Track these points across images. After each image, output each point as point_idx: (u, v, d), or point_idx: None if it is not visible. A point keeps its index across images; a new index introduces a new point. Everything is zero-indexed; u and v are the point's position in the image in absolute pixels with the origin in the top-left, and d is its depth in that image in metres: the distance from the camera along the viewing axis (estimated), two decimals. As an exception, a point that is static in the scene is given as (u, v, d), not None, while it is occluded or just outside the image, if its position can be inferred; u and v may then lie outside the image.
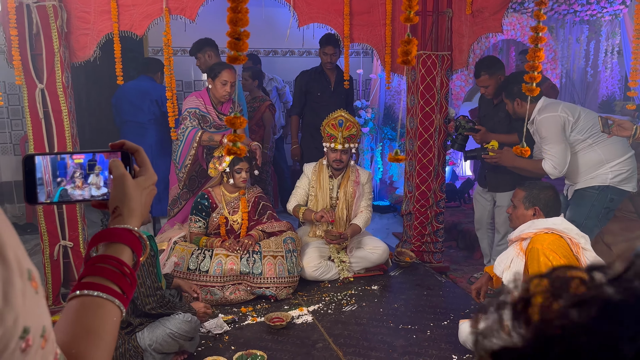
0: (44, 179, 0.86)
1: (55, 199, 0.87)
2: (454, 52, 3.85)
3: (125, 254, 0.78)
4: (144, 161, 0.89)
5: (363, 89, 6.37)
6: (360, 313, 3.15)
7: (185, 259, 3.28)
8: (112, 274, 0.75)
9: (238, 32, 1.17)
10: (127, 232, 0.80)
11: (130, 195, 0.83)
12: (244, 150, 1.20)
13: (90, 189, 0.88)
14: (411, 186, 4.07)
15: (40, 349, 0.52)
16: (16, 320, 0.48)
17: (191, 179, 3.88)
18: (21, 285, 0.49)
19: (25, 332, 0.49)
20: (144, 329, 2.54)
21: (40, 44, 3.09)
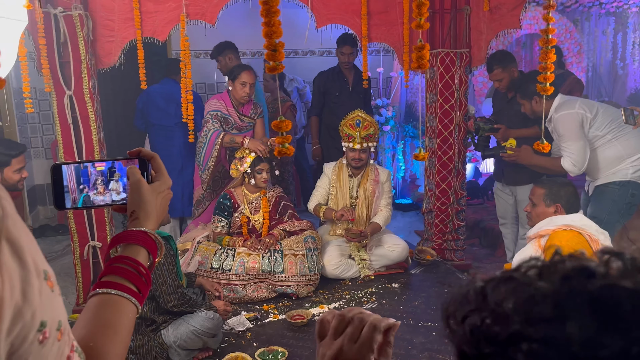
0: (69, 186, 0.94)
1: (79, 204, 0.95)
2: (472, 49, 3.84)
3: (141, 255, 0.83)
4: (160, 167, 0.94)
5: (384, 87, 6.38)
6: (380, 310, 3.18)
7: (208, 258, 3.37)
8: (129, 273, 0.80)
9: (274, 44, 1.24)
10: (143, 234, 0.85)
11: (146, 200, 0.88)
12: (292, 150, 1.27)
13: (111, 195, 0.96)
14: (431, 184, 4.07)
15: (57, 341, 0.58)
16: (34, 315, 0.53)
17: (214, 180, 3.96)
18: (38, 285, 0.54)
19: (42, 326, 0.54)
20: (168, 327, 2.63)
21: (67, 52, 3.21)
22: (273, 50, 1.30)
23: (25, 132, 5.54)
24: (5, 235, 0.51)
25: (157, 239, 0.88)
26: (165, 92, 4.36)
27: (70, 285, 3.85)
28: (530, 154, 3.19)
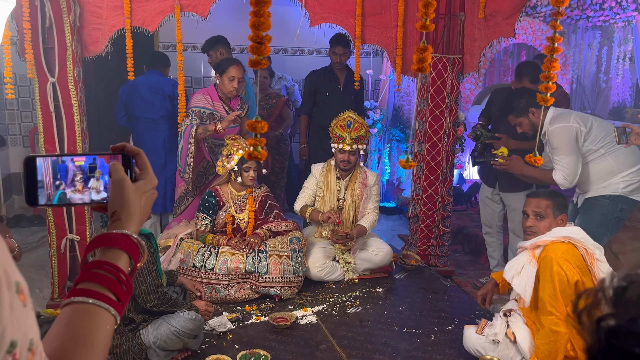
0: (44, 181, 0.85)
1: (54, 201, 0.87)
2: (465, 56, 3.83)
3: (122, 260, 0.77)
4: (145, 164, 0.87)
5: (372, 90, 6.36)
6: (364, 315, 3.14)
7: (191, 256, 3.29)
8: (108, 280, 0.73)
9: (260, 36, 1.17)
10: (124, 238, 0.79)
11: (129, 200, 0.82)
12: (264, 155, 1.19)
13: (90, 193, 0.88)
14: (418, 189, 4.05)
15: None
16: (3, 333, 0.47)
17: (198, 175, 3.88)
18: (9, 298, 0.48)
19: (12, 347, 0.48)
20: (147, 327, 2.55)
21: (52, 37, 3.10)
22: (259, 42, 1.23)
23: (2, 118, 5.37)
24: None
25: (140, 243, 0.82)
26: (150, 83, 4.26)
27: (44, 279, 3.72)
28: (521, 164, 3.18)
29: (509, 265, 2.46)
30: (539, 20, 6.46)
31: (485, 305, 2.74)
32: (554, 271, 2.24)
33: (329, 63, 4.59)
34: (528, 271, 2.37)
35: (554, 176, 2.98)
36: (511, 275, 2.41)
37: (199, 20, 3.51)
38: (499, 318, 2.59)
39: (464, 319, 3.08)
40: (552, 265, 2.24)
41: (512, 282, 2.40)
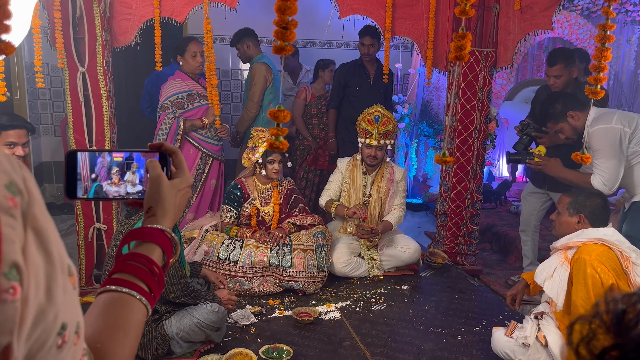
0: (81, 174, 0.88)
1: (91, 194, 0.89)
2: (498, 49, 3.72)
3: (156, 254, 0.79)
4: (181, 163, 0.90)
5: (401, 84, 6.25)
6: (389, 313, 3.09)
7: (215, 248, 3.28)
8: (142, 272, 0.76)
9: (286, 21, 1.12)
10: (159, 232, 0.81)
11: (165, 196, 0.84)
12: (286, 145, 1.15)
13: (126, 186, 0.90)
14: (447, 186, 3.96)
15: (73, 346, 0.52)
16: (56, 316, 0.47)
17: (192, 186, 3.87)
18: (62, 282, 0.49)
19: (63, 329, 0.49)
20: (171, 317, 2.54)
21: (83, 27, 3.12)
22: (284, 27, 1.18)
23: (35, 108, 5.46)
24: (31, 224, 0.44)
25: (174, 239, 0.83)
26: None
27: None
28: (559, 166, 3.03)
29: (541, 268, 2.37)
30: (575, 14, 6.24)
31: (515, 307, 2.65)
32: (588, 274, 2.14)
33: (358, 56, 4.51)
34: (560, 274, 2.27)
35: (592, 181, 2.82)
36: (543, 278, 2.32)
37: (228, 11, 3.48)
38: (529, 321, 2.50)
39: (492, 320, 2.99)
40: (585, 268, 2.15)
41: (544, 285, 2.30)
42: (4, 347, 0.41)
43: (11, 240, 0.42)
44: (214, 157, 3.97)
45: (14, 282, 0.41)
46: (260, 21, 5.02)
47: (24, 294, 0.42)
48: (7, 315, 0.41)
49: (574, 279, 2.20)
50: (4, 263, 0.41)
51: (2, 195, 0.42)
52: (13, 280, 0.41)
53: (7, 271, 0.41)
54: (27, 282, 0.43)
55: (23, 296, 0.42)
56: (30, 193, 0.45)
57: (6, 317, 0.40)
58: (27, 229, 0.44)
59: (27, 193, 0.45)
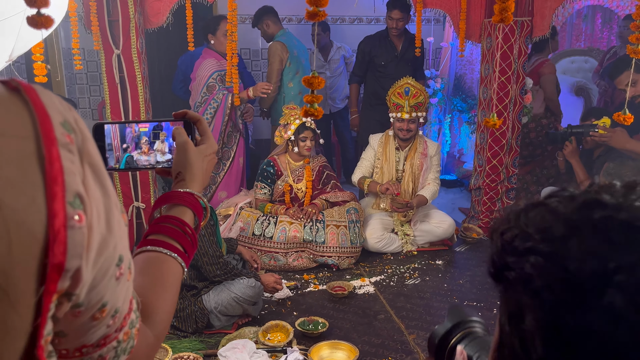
0: (112, 144, 0.91)
1: (122, 165, 0.92)
2: (535, 18, 3.60)
3: (187, 216, 0.82)
4: (205, 130, 0.92)
5: (433, 58, 6.14)
6: (423, 287, 3.09)
7: (250, 225, 3.34)
8: (175, 232, 0.78)
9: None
10: (189, 196, 0.83)
11: (192, 162, 0.86)
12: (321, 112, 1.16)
13: (156, 155, 0.93)
14: (482, 160, 3.90)
15: (127, 281, 0.55)
16: (115, 247, 0.50)
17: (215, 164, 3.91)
18: (117, 215, 0.51)
19: (120, 261, 0.52)
20: (209, 292, 2.62)
21: (116, 10, 3.17)
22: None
23: (73, 92, 5.61)
24: (87, 160, 0.47)
25: (204, 201, 0.86)
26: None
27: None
28: (625, 137, 2.87)
29: None
30: (617, -21, 5.96)
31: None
32: None
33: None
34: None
35: None
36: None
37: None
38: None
39: (528, 293, 2.96)
40: None
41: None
42: (74, 271, 0.44)
43: (72, 172, 0.45)
44: (239, 132, 3.99)
45: (79, 210, 0.44)
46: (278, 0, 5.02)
47: (88, 221, 0.45)
48: (77, 240, 0.44)
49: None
50: (69, 193, 0.44)
51: (59, 132, 0.45)
52: (78, 208, 0.44)
53: (72, 200, 0.44)
54: (90, 211, 0.46)
55: (87, 224, 0.45)
56: (82, 132, 0.48)
57: (76, 242, 0.44)
58: (84, 164, 0.47)
59: (79, 131, 0.47)
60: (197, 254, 2.52)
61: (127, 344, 0.58)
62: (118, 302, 0.53)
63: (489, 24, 3.68)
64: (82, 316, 0.49)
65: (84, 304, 0.48)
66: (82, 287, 0.46)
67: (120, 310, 0.54)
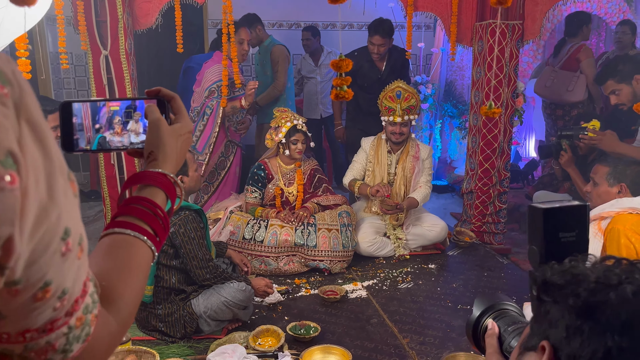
0: (84, 124, 0.84)
1: (94, 146, 0.86)
2: (526, 21, 3.61)
3: (159, 197, 0.76)
4: (180, 109, 0.87)
5: (424, 64, 6.15)
6: (416, 291, 3.05)
7: (241, 228, 3.28)
8: (145, 214, 0.72)
9: None
10: (161, 176, 0.78)
11: (165, 141, 0.81)
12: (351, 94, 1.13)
13: (130, 136, 0.87)
14: (474, 163, 3.88)
15: (77, 259, 0.50)
16: (59, 217, 0.45)
17: (210, 172, 3.87)
18: (63, 183, 0.46)
19: (66, 234, 0.47)
20: (198, 296, 2.55)
21: (104, 10, 3.13)
22: None
23: (60, 97, 5.53)
24: (25, 116, 0.42)
25: (177, 183, 0.80)
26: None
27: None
28: (615, 140, 2.88)
29: None
30: (605, -13, 6.03)
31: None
32: (622, 244, 2.07)
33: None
34: (594, 245, 2.20)
35: None
36: (576, 250, 2.25)
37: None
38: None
39: (522, 297, 2.92)
40: (619, 238, 2.08)
41: (578, 257, 2.23)
42: (5, 240, 0.39)
43: (5, 128, 0.40)
44: (236, 144, 3.98)
45: (11, 171, 0.40)
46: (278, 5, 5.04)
47: (22, 184, 0.40)
48: (7, 204, 0.39)
49: (607, 250, 2.12)
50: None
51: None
52: (10, 168, 0.40)
53: (2, 159, 0.39)
54: (25, 173, 0.41)
55: (22, 187, 0.40)
56: (20, 85, 0.43)
57: (5, 206, 0.39)
58: (21, 121, 0.42)
59: (17, 85, 0.43)
60: (186, 257, 2.46)
61: (82, 331, 0.53)
62: (66, 282, 0.48)
63: (481, 27, 3.69)
64: (21, 295, 0.44)
65: (22, 281, 0.43)
66: (16, 260, 0.41)
67: (69, 292, 0.49)
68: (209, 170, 3.84)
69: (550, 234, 0.82)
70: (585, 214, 0.84)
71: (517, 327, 0.88)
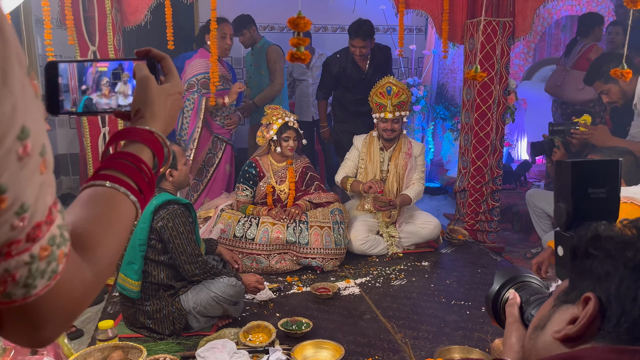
0: (69, 85, 0.80)
1: (79, 108, 0.81)
2: (516, 18, 3.61)
3: (145, 154, 0.71)
4: (170, 69, 0.83)
5: (415, 67, 6.16)
6: (409, 288, 3.01)
7: (231, 226, 3.23)
8: (129, 168, 0.68)
9: None
10: (148, 133, 0.73)
11: (153, 99, 0.76)
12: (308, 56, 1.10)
13: (118, 98, 0.83)
14: (466, 161, 3.87)
15: (39, 173, 0.44)
16: (14, 110, 0.40)
17: (199, 170, 3.84)
18: (20, 75, 0.41)
19: (24, 133, 0.41)
20: (187, 292, 2.50)
21: (92, 5, 3.10)
22: None
23: (49, 100, 5.48)
24: None
25: (164, 141, 0.75)
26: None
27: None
28: (606, 134, 2.88)
29: None
30: (593, -10, 6.09)
31: (541, 274, 2.55)
32: None
33: None
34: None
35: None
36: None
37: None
38: (556, 288, 2.40)
39: (516, 292, 2.89)
40: None
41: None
42: None
43: None
44: (225, 142, 3.94)
45: None
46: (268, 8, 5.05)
47: None
48: None
49: (603, 239, 2.10)
50: None
51: None
52: None
53: None
54: None
55: None
56: None
57: None
58: None
59: None
60: (175, 252, 2.41)
61: (48, 266, 0.48)
62: (25, 196, 0.43)
63: (471, 24, 3.69)
64: None
65: None
66: None
67: (30, 210, 0.44)
68: (196, 168, 3.80)
69: (579, 190, 0.78)
70: (616, 170, 0.79)
71: (540, 297, 0.84)
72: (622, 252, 0.61)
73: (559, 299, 0.67)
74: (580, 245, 0.66)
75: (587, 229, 0.67)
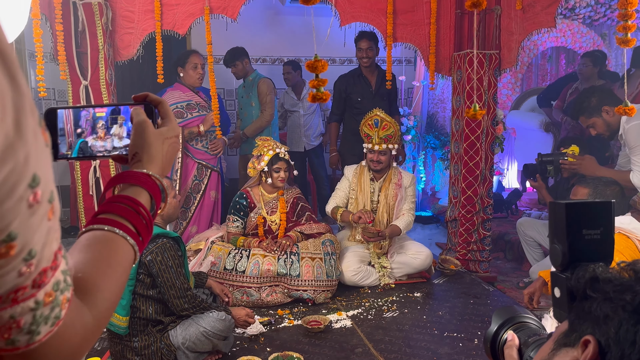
0: (65, 129, 0.82)
1: (74, 152, 0.82)
2: (502, 51, 3.69)
3: (143, 197, 0.72)
4: (167, 113, 0.85)
5: (405, 97, 6.25)
6: (402, 319, 2.98)
7: (222, 259, 3.21)
8: (127, 212, 0.69)
9: None
10: (145, 176, 0.75)
11: (151, 142, 0.78)
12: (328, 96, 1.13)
13: (113, 140, 0.84)
14: (456, 191, 3.89)
15: (47, 220, 0.45)
16: (27, 158, 0.41)
17: (187, 198, 3.85)
18: (33, 124, 0.43)
19: (35, 181, 0.43)
20: (176, 327, 2.46)
21: (85, 42, 3.14)
22: None
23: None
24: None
25: (162, 184, 0.76)
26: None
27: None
28: (594, 164, 2.92)
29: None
30: (577, 22, 6.25)
31: (533, 305, 2.54)
32: None
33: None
34: (579, 266, 2.18)
35: (632, 178, 2.69)
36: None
37: (229, 22, 3.50)
38: (549, 319, 2.39)
39: (509, 323, 2.87)
40: None
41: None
42: None
43: None
44: (211, 168, 3.94)
45: None
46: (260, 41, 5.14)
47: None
48: None
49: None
50: None
51: None
52: None
53: None
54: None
55: None
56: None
57: None
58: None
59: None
60: (163, 286, 2.39)
61: (51, 312, 0.48)
62: (33, 242, 0.44)
63: (459, 57, 3.76)
64: None
65: None
66: None
67: (37, 256, 0.45)
68: (184, 196, 3.80)
69: (574, 231, 0.78)
70: (610, 211, 0.80)
71: (538, 338, 0.84)
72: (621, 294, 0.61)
73: (559, 342, 0.68)
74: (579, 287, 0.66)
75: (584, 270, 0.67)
